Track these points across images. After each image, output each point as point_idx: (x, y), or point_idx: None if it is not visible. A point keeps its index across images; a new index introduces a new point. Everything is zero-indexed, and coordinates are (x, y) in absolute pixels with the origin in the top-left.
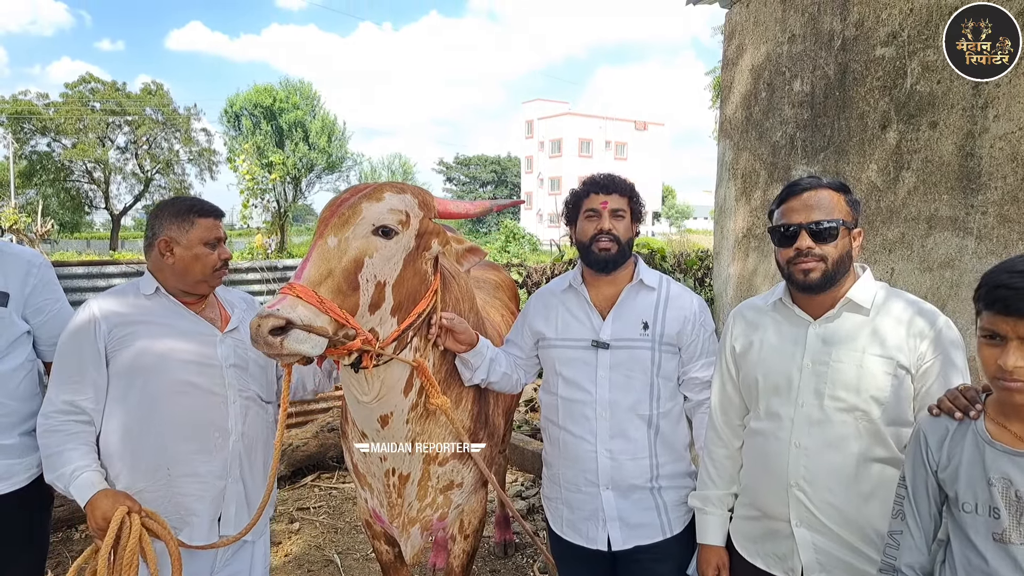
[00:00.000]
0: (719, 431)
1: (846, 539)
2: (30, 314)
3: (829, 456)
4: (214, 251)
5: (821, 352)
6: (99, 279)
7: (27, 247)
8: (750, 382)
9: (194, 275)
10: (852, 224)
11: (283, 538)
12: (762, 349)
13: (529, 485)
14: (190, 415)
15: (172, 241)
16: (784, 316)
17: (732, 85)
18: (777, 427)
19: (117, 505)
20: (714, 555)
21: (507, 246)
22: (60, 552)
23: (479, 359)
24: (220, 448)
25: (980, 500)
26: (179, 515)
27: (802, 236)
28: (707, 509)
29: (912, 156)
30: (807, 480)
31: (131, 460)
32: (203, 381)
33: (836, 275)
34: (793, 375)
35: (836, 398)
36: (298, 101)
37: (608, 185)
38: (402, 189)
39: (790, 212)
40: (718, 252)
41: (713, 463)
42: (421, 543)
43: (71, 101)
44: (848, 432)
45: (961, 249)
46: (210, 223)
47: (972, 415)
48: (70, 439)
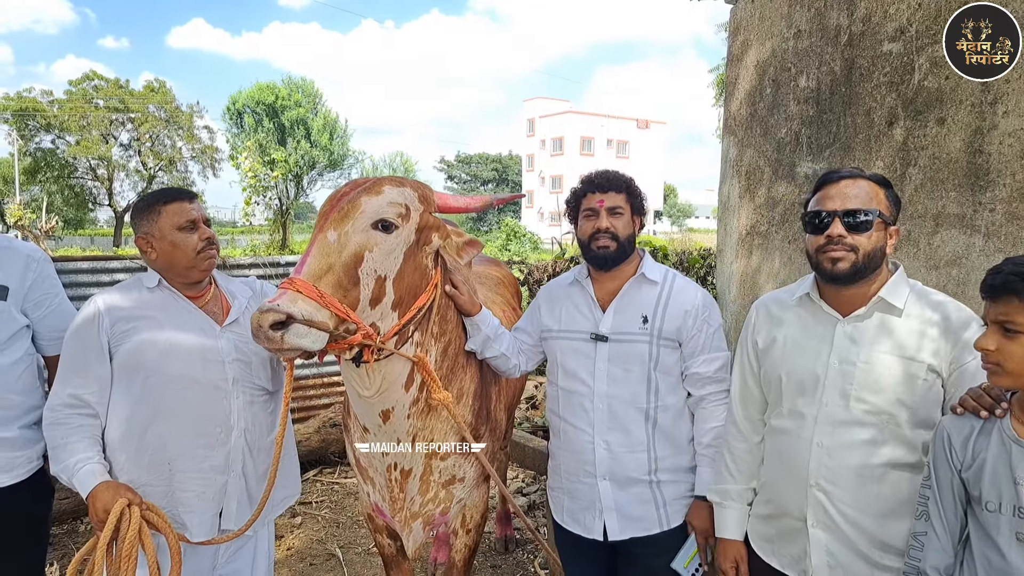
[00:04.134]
0: (739, 425)
1: (860, 546)
2: (29, 308)
3: (852, 458)
4: (192, 234)
5: (849, 351)
6: (103, 274)
7: (27, 242)
8: (772, 379)
9: (179, 263)
10: (890, 219)
11: (285, 532)
12: (786, 345)
13: (530, 482)
14: (192, 410)
15: (148, 236)
16: (810, 312)
17: (736, 81)
18: (799, 425)
19: (117, 497)
20: (732, 549)
21: (508, 244)
22: (65, 544)
23: (473, 330)
24: (222, 443)
25: (1005, 499)
26: (180, 510)
27: (835, 223)
28: (725, 503)
29: (919, 153)
30: (828, 480)
31: (134, 454)
32: (205, 375)
33: (866, 269)
34: (819, 374)
35: (862, 400)
36: (300, 99)
37: (604, 183)
38: (402, 183)
39: (825, 199)
40: (721, 249)
41: (732, 457)
42: (423, 537)
43: (75, 98)
44: (873, 435)
45: (968, 247)
46: (178, 207)
47: (998, 413)
48: (74, 432)
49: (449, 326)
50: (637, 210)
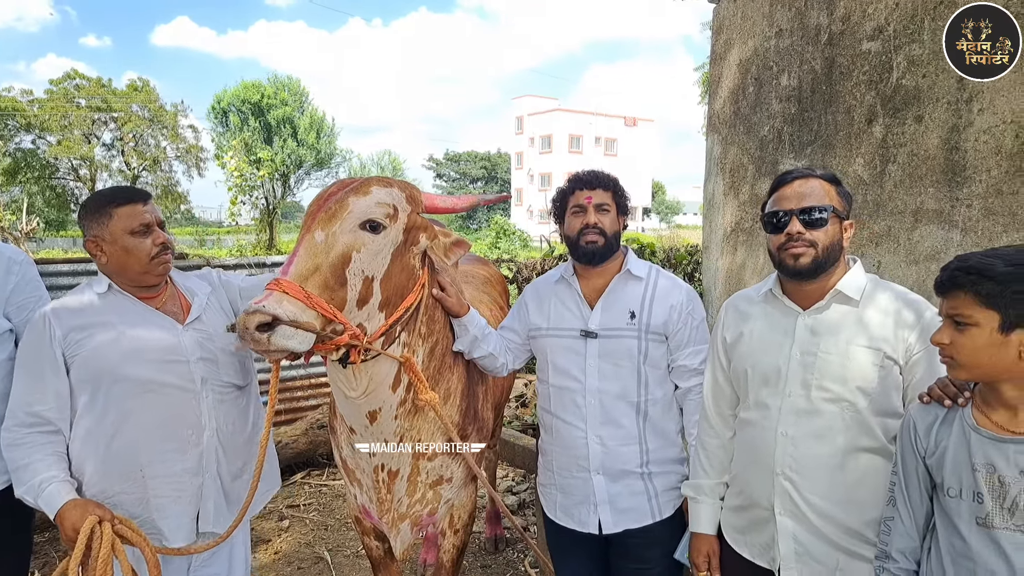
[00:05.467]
0: (711, 421)
1: (826, 532)
2: (12, 312)
3: (816, 446)
4: (146, 239)
5: (810, 343)
6: (83, 276)
7: (8, 244)
8: (740, 372)
9: (132, 268)
10: (843, 214)
11: (273, 536)
12: (752, 339)
13: (520, 480)
14: (160, 414)
15: (98, 239)
16: (774, 307)
17: (720, 80)
18: (764, 416)
19: (86, 515)
20: (705, 543)
21: (497, 242)
22: (47, 552)
23: (461, 331)
24: (194, 444)
25: (964, 485)
26: (156, 515)
27: (793, 222)
28: (699, 498)
29: (898, 150)
30: (794, 470)
31: (102, 465)
32: (171, 378)
33: (826, 263)
34: (781, 365)
35: (823, 388)
36: (286, 97)
37: (592, 181)
38: (389, 183)
39: (781, 200)
40: (707, 246)
41: (705, 453)
42: (411, 538)
43: (56, 98)
44: (835, 423)
45: (947, 242)
46: (131, 210)
47: (960, 402)
48: (35, 451)
49: (436, 326)
50: (622, 209)
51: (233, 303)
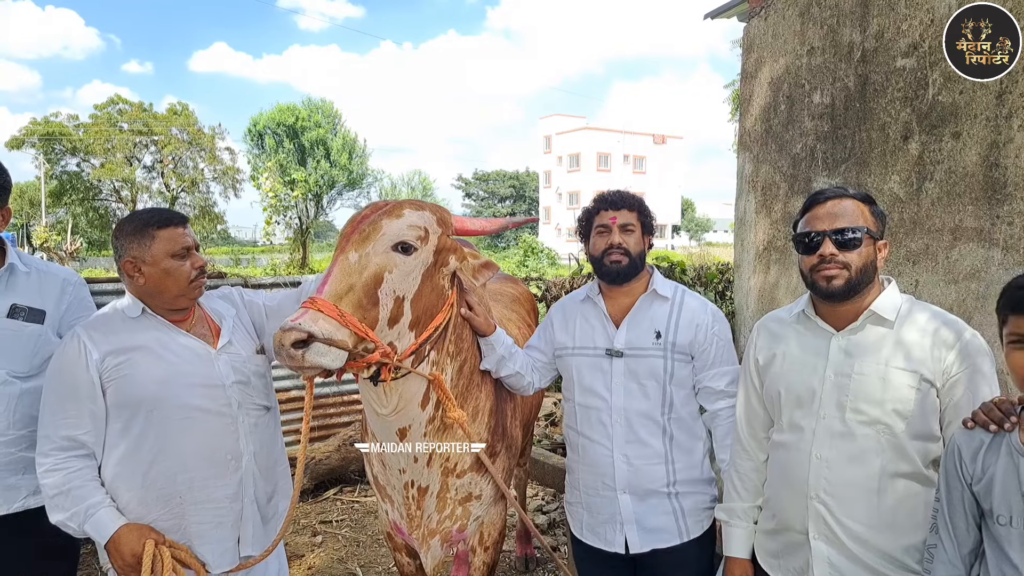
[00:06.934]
0: (744, 443)
1: (862, 557)
2: (63, 330)
3: (851, 470)
4: (185, 261)
5: (843, 364)
6: None
7: (62, 265)
8: (773, 394)
9: (169, 292)
10: (877, 234)
11: (306, 551)
12: (785, 361)
13: (550, 500)
14: (200, 440)
15: (137, 260)
16: (807, 328)
17: (751, 98)
18: (799, 439)
19: (143, 539)
20: (739, 568)
21: (526, 260)
22: (90, 564)
23: (488, 350)
24: (234, 470)
25: (1015, 512)
26: (195, 542)
27: (825, 243)
28: (732, 521)
29: (935, 167)
30: (829, 493)
31: (140, 491)
32: (209, 404)
33: (859, 284)
34: (815, 387)
35: (858, 411)
36: (320, 119)
37: (617, 201)
38: (421, 206)
39: (814, 220)
40: (738, 265)
41: (739, 476)
42: (441, 555)
43: (100, 122)
44: (870, 446)
45: (987, 260)
46: (172, 233)
47: (1007, 427)
48: (76, 476)
49: (464, 345)
50: (647, 229)
51: (257, 322)
